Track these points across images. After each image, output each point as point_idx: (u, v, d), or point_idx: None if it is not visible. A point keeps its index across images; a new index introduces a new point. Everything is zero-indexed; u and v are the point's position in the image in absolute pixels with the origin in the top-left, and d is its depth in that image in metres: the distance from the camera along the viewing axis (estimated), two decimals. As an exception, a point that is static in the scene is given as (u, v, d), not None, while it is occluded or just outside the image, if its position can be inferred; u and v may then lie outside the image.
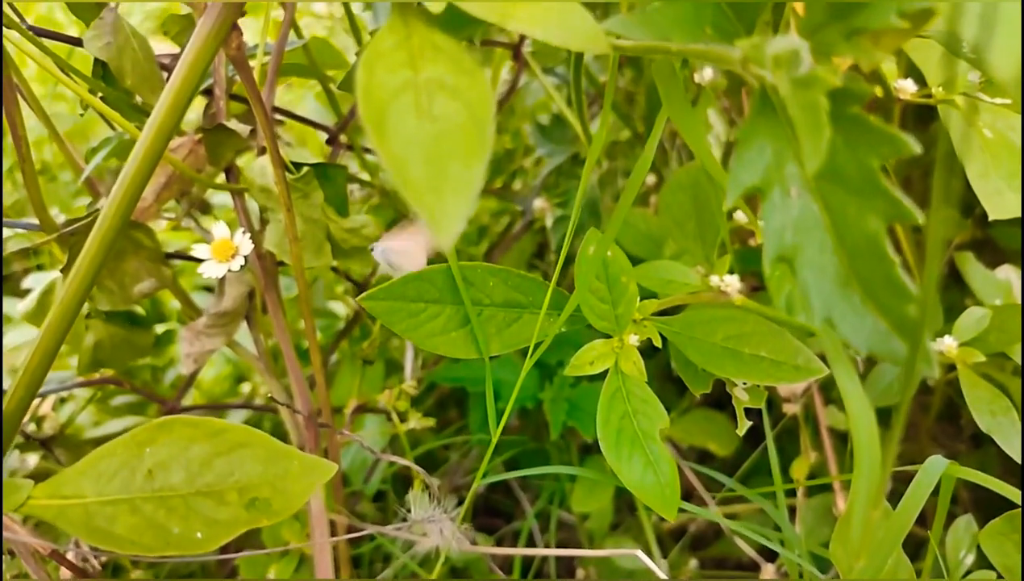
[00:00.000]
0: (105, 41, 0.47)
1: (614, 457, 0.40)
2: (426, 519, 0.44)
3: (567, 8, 0.24)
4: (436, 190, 0.22)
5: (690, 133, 0.31)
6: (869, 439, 0.26)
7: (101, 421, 0.86)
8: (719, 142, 0.61)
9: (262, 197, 0.48)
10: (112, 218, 0.32)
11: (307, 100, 1.05)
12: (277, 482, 0.33)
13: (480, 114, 0.23)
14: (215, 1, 0.31)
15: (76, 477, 0.33)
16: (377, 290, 0.40)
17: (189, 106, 0.32)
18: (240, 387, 0.93)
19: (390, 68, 0.24)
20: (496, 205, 0.80)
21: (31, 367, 0.33)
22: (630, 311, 0.41)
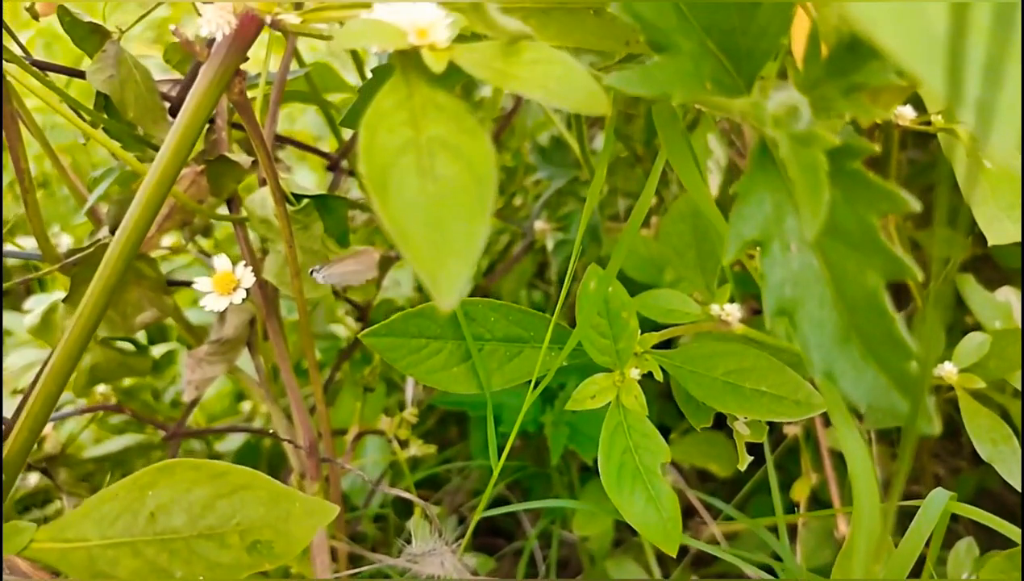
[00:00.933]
0: (108, 75, 0.47)
1: (616, 492, 0.40)
2: (427, 552, 0.44)
3: (567, 70, 0.24)
4: (437, 253, 0.22)
5: (690, 179, 0.31)
6: (869, 495, 0.26)
7: (101, 439, 0.86)
8: (719, 167, 0.61)
9: (262, 228, 0.48)
10: (117, 259, 0.32)
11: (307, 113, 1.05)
12: (279, 524, 0.33)
13: (482, 174, 0.23)
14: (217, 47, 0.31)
15: (79, 520, 0.33)
16: (379, 326, 0.40)
17: (192, 150, 0.32)
18: (240, 405, 0.93)
19: (392, 128, 0.24)
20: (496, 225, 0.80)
21: (37, 402, 0.33)
22: (631, 346, 0.42)
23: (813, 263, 0.26)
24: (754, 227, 0.26)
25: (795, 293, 0.25)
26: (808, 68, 0.26)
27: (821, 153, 0.24)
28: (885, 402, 0.24)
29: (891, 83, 0.25)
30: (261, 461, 0.86)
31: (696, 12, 0.27)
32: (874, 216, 0.25)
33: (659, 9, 0.27)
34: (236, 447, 0.89)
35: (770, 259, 0.26)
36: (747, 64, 0.27)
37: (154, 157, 0.49)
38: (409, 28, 0.25)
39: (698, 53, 0.27)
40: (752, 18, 0.26)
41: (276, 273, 0.48)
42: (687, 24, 0.27)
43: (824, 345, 0.25)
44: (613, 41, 0.30)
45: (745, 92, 0.27)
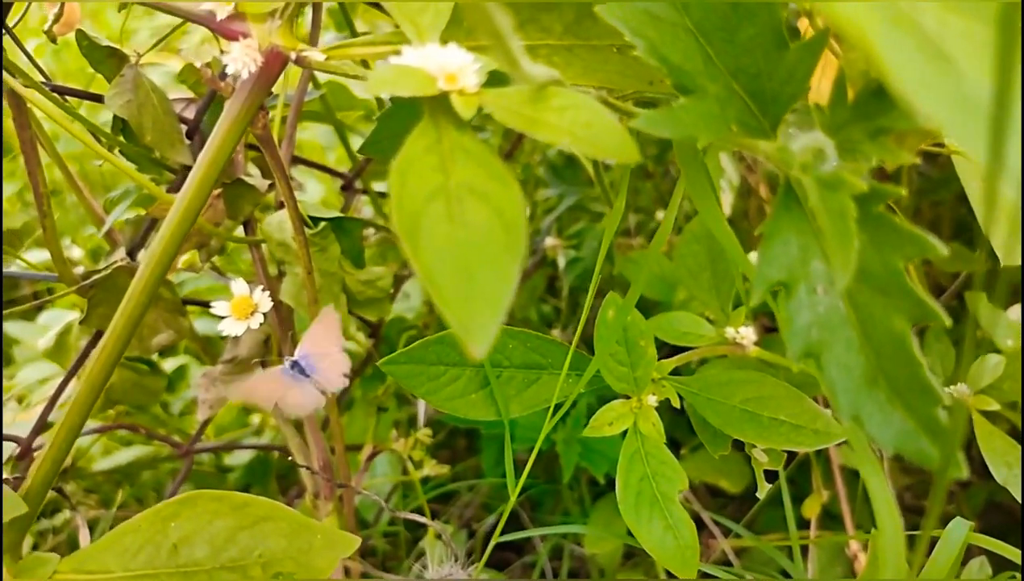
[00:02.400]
0: (126, 99, 0.47)
1: (633, 519, 0.40)
2: (443, 576, 0.44)
3: (595, 117, 0.24)
4: (466, 300, 0.23)
5: (712, 218, 0.31)
6: (895, 544, 0.26)
7: (111, 450, 0.86)
8: (731, 187, 0.62)
9: (280, 250, 0.49)
10: (141, 293, 0.33)
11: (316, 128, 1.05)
12: (301, 556, 0.33)
13: (511, 222, 0.23)
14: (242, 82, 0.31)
15: (101, 552, 0.33)
16: (398, 354, 0.40)
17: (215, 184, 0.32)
18: (249, 418, 0.93)
19: (422, 174, 0.24)
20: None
21: (61, 433, 0.33)
22: (648, 373, 0.42)
23: (839, 306, 0.26)
24: (780, 269, 0.26)
25: (821, 336, 0.26)
26: (835, 111, 0.26)
27: (849, 199, 0.24)
28: (913, 447, 0.24)
29: (917, 128, 0.25)
30: (270, 476, 0.86)
31: (722, 56, 0.27)
32: (900, 260, 0.25)
33: (685, 52, 0.27)
34: (245, 461, 0.89)
35: (796, 302, 0.26)
36: (773, 107, 0.27)
37: (171, 180, 0.50)
38: (438, 73, 0.25)
39: (724, 96, 0.27)
40: (779, 62, 0.26)
41: (294, 295, 0.48)
42: (713, 67, 0.27)
43: (851, 389, 0.25)
44: (637, 80, 0.30)
45: (771, 134, 0.27)
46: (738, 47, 0.27)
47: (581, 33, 0.31)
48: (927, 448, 0.24)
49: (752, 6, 0.26)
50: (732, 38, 0.27)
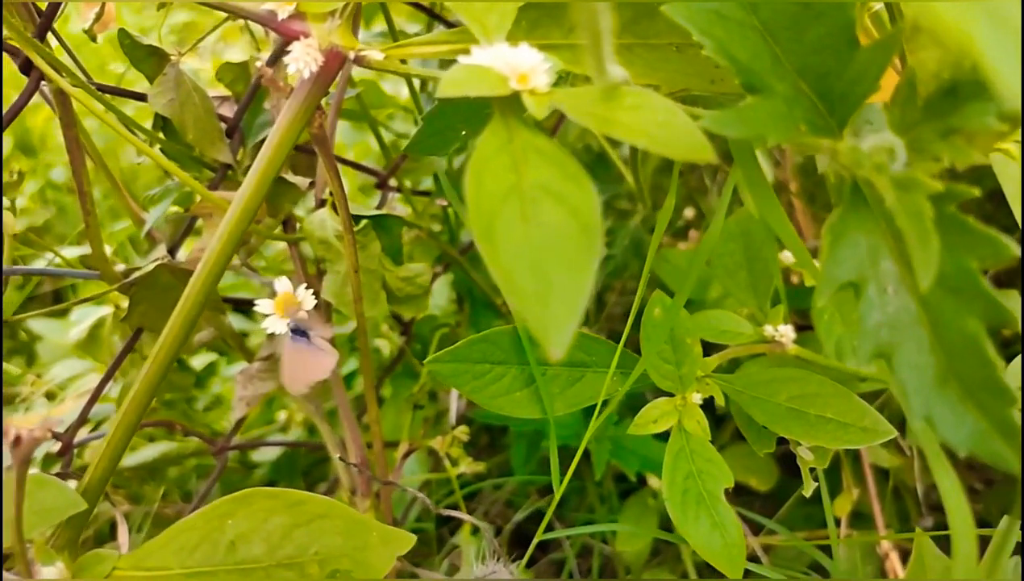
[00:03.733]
0: (168, 98, 0.47)
1: (680, 517, 0.40)
2: (487, 574, 0.44)
3: (669, 117, 0.24)
4: (542, 300, 0.23)
5: (775, 219, 0.31)
6: (967, 545, 0.26)
7: (137, 446, 0.87)
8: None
9: (321, 249, 0.49)
10: (198, 293, 0.33)
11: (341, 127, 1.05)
12: (356, 554, 0.33)
13: (587, 221, 0.23)
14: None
15: (158, 549, 0.33)
16: (443, 353, 0.40)
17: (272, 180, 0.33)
18: (276, 414, 0.93)
19: (495, 174, 0.24)
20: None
21: (118, 433, 0.34)
22: (694, 371, 0.42)
23: (911, 306, 0.26)
24: (849, 270, 0.26)
25: (892, 337, 0.25)
26: (905, 111, 0.26)
27: (924, 199, 0.24)
28: (987, 448, 0.24)
29: (988, 128, 0.25)
30: (297, 474, 0.87)
31: (789, 55, 0.27)
32: (974, 261, 0.25)
33: (753, 51, 0.27)
34: (271, 458, 0.90)
35: (866, 302, 0.26)
36: (840, 107, 0.27)
37: (210, 177, 0.50)
38: (510, 73, 0.25)
39: (791, 95, 0.27)
40: (848, 61, 0.26)
41: (335, 293, 0.48)
42: (780, 66, 0.27)
43: (922, 390, 0.25)
44: (698, 79, 0.30)
45: (837, 134, 0.27)
46: (806, 46, 0.26)
47: (639, 32, 0.31)
48: (1001, 449, 0.24)
49: (822, 6, 0.26)
50: (800, 37, 0.26)
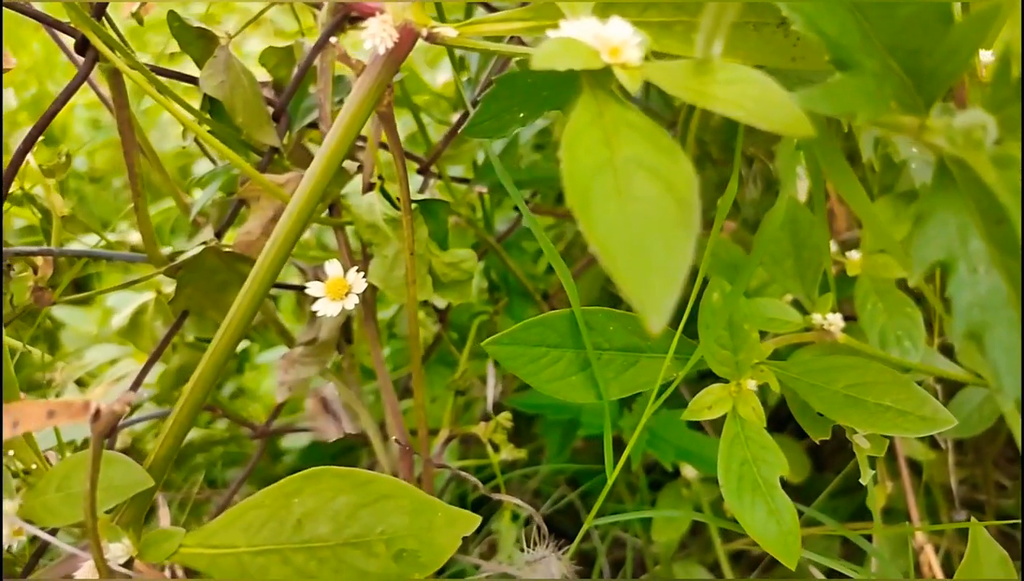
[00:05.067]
0: (219, 80, 0.47)
1: (736, 504, 0.40)
2: (537, 559, 0.44)
3: (765, 90, 0.24)
4: (640, 273, 0.22)
5: (854, 199, 0.31)
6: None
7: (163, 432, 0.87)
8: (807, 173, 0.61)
9: (368, 232, 0.49)
10: (266, 271, 0.33)
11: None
12: (422, 534, 0.33)
13: (683, 196, 0.23)
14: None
15: (225, 527, 0.33)
16: (501, 335, 0.40)
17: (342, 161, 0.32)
18: (303, 402, 0.93)
19: (588, 148, 0.24)
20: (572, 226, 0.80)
21: (184, 410, 0.34)
22: (750, 357, 0.41)
23: (1001, 286, 0.25)
24: (939, 249, 0.26)
25: (984, 317, 0.25)
26: (997, 89, 0.25)
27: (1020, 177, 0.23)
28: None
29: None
30: (327, 461, 0.87)
31: (880, 31, 0.26)
32: (1069, 240, 0.24)
33: (842, 27, 0.26)
34: (300, 445, 0.90)
35: (956, 281, 0.26)
36: (929, 85, 0.27)
37: (257, 161, 0.50)
38: (601, 47, 0.25)
39: (881, 72, 0.26)
40: (941, 39, 0.26)
41: (382, 277, 0.48)
42: (870, 43, 0.26)
43: (1013, 370, 0.25)
44: (777, 57, 0.30)
45: (924, 112, 0.27)
46: (897, 23, 0.26)
47: (716, 10, 0.31)
48: (1097, 430, 0.24)
49: (916, -19, 0.25)
50: (892, 13, 0.26)
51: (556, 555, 0.45)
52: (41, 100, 1.28)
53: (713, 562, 0.80)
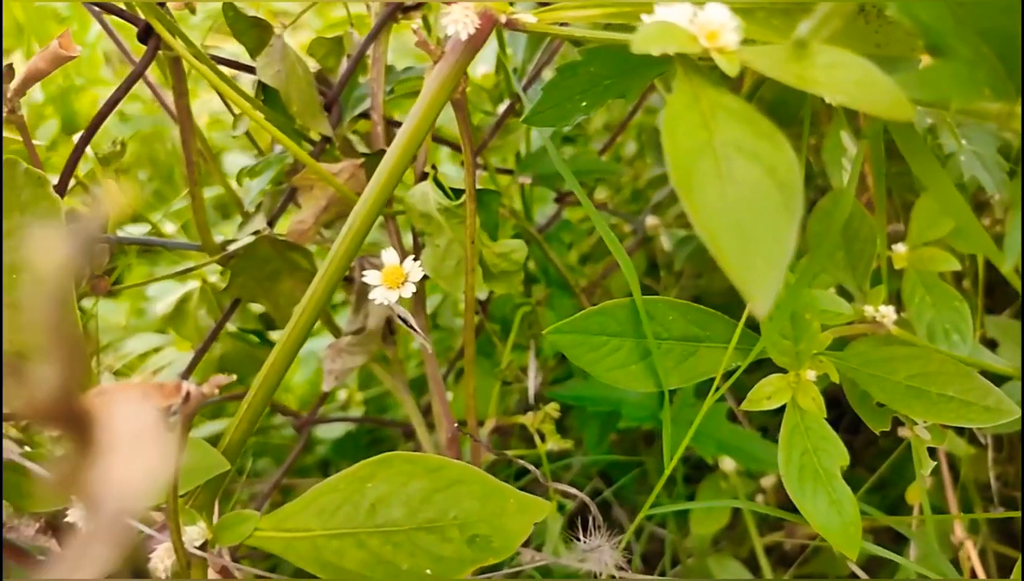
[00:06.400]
0: (275, 69, 0.47)
1: (798, 494, 0.40)
2: (593, 548, 0.44)
3: (867, 74, 0.24)
4: (744, 256, 0.22)
5: (939, 187, 0.30)
6: None
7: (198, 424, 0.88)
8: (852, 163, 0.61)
9: (421, 222, 0.49)
10: (342, 257, 0.33)
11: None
12: (494, 520, 0.33)
13: (785, 179, 0.23)
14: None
15: (300, 511, 0.33)
16: (563, 323, 0.40)
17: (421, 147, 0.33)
18: (335, 393, 0.94)
19: (687, 131, 0.24)
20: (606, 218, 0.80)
21: (259, 394, 0.34)
22: (811, 347, 0.41)
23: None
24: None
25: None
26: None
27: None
28: None
29: None
30: (360, 452, 0.87)
31: (972, 17, 0.26)
32: None
33: (935, 13, 0.26)
34: (333, 436, 0.90)
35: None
36: (1021, 71, 0.26)
37: (309, 149, 0.50)
38: (699, 31, 0.25)
39: (973, 58, 0.26)
40: (1037, 23, 0.26)
41: (434, 266, 0.48)
42: (963, 29, 0.26)
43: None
44: (860, 43, 0.30)
45: (1015, 98, 0.27)
46: (990, 8, 0.26)
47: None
48: None
49: (1013, -35, 0.25)
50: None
51: (610, 544, 0.45)
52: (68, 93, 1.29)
53: (747, 556, 0.80)
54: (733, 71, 0.24)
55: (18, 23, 1.19)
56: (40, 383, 0.10)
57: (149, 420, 0.10)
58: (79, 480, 0.11)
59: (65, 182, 0.42)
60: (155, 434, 0.10)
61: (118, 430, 0.10)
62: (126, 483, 0.09)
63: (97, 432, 0.10)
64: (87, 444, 0.10)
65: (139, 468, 0.09)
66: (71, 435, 0.10)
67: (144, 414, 0.10)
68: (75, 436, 0.10)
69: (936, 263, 0.56)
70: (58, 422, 0.10)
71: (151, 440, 0.10)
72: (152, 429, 0.10)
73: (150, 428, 0.10)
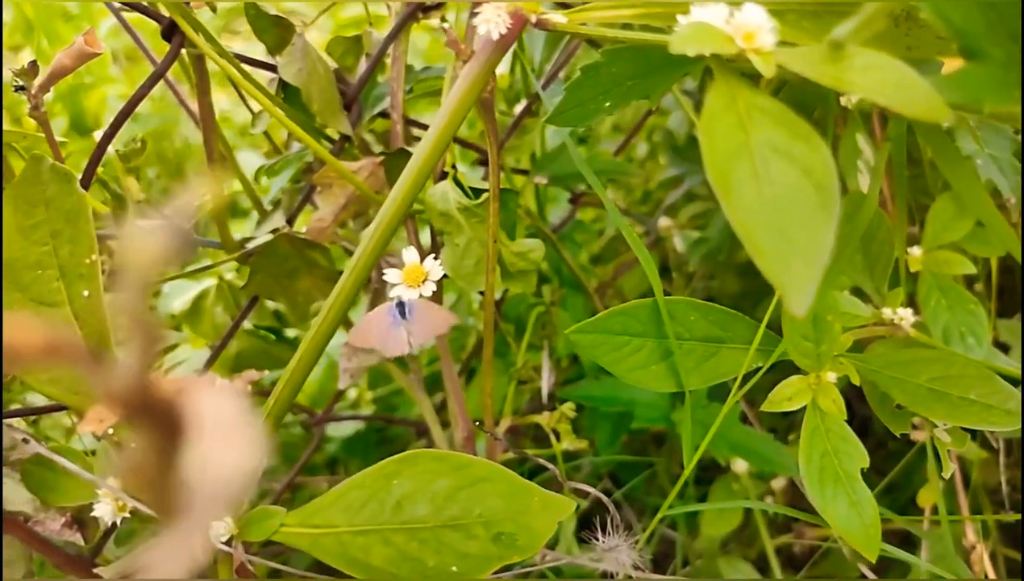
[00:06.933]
0: (297, 67, 0.48)
1: (818, 496, 0.40)
2: (611, 548, 0.44)
3: (903, 77, 0.24)
4: (781, 257, 0.23)
5: (968, 189, 0.31)
6: None
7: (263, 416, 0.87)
8: (869, 167, 0.61)
9: (440, 221, 0.49)
10: (369, 255, 0.33)
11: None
12: (519, 518, 0.33)
13: (822, 180, 0.23)
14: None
15: (326, 507, 0.33)
16: (586, 323, 0.40)
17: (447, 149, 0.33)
18: (345, 392, 0.94)
19: (724, 132, 0.24)
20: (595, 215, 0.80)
21: (282, 398, 0.34)
22: (832, 349, 0.41)
23: None
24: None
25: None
26: None
27: None
28: None
29: None
30: (371, 451, 0.87)
31: (1006, 19, 0.26)
32: None
33: (969, 15, 0.26)
34: (342, 435, 0.90)
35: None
36: (1055, 72, 0.26)
37: (328, 148, 0.50)
38: (735, 32, 0.25)
39: (1006, 61, 0.26)
40: (1072, 26, 0.26)
41: (453, 265, 0.48)
42: (996, 31, 0.26)
43: None
44: (891, 46, 0.30)
45: (1048, 100, 0.27)
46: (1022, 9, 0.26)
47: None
48: None
49: (1048, -31, 0.25)
50: (1017, 1, 0.26)
51: (628, 544, 0.45)
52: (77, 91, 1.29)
53: (756, 558, 0.80)
54: (770, 72, 0.24)
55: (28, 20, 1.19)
56: (121, 373, 0.10)
57: (239, 410, 0.10)
58: (153, 471, 0.12)
59: (88, 179, 0.43)
60: (246, 424, 0.10)
61: (209, 420, 0.10)
62: (221, 473, 0.09)
63: (180, 422, 0.10)
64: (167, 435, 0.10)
65: (233, 458, 0.09)
66: (150, 425, 0.11)
67: (233, 404, 0.10)
68: (154, 427, 0.10)
69: (952, 266, 0.56)
70: (138, 412, 0.10)
71: (243, 430, 0.10)
72: (243, 419, 0.10)
73: (241, 418, 0.10)
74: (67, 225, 0.38)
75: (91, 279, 0.36)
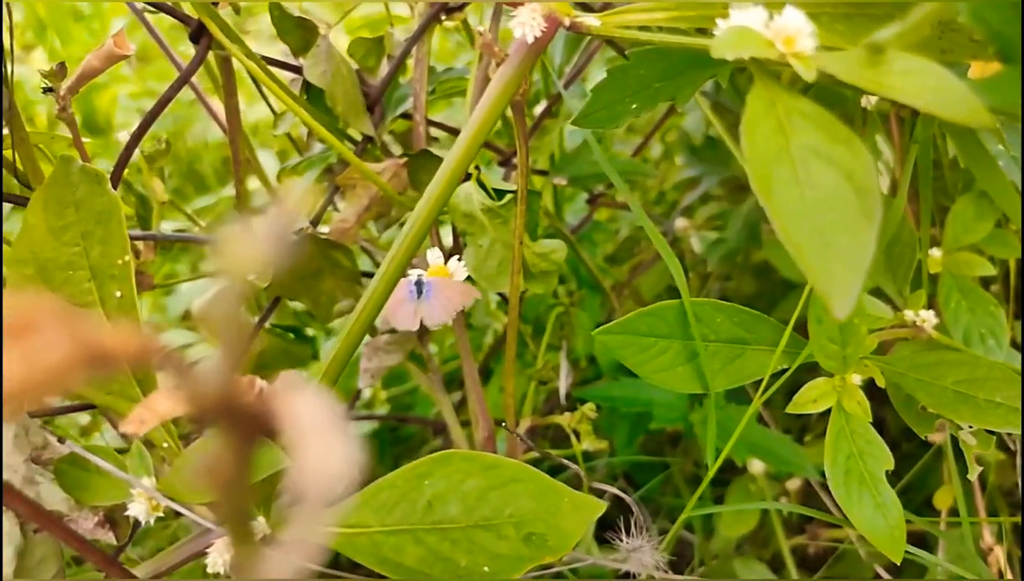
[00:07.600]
0: (322, 69, 0.48)
1: (843, 497, 0.40)
2: (635, 548, 0.44)
3: (942, 81, 0.24)
4: (823, 260, 0.23)
5: (999, 191, 0.31)
6: None
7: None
8: (888, 169, 0.61)
9: (464, 222, 0.49)
10: (403, 256, 0.33)
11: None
12: (549, 518, 0.33)
13: (863, 184, 0.23)
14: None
15: (358, 507, 0.34)
16: (613, 324, 0.40)
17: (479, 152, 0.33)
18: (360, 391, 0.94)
19: (765, 136, 0.24)
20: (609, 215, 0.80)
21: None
22: (858, 351, 0.41)
23: None
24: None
25: None
26: None
27: None
28: None
29: None
30: (386, 452, 0.88)
31: (1043, 23, 0.26)
32: None
33: (1005, 18, 0.26)
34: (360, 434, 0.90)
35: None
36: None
37: (352, 149, 0.50)
38: (775, 37, 0.25)
39: (1044, 64, 0.26)
40: (1111, 30, 0.26)
41: (476, 266, 0.48)
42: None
43: None
44: (926, 50, 0.30)
45: (1085, 104, 0.27)
46: (1062, 15, 0.26)
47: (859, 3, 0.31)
48: None
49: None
50: (1057, 6, 0.26)
51: (651, 545, 0.45)
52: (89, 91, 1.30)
53: (771, 559, 0.80)
54: (811, 76, 0.24)
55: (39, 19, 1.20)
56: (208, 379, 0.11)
57: (331, 413, 0.10)
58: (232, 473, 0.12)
59: (116, 180, 0.43)
60: (339, 426, 0.10)
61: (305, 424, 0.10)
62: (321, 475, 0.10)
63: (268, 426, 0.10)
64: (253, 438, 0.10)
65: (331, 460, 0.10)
66: (234, 429, 0.11)
67: (326, 407, 0.10)
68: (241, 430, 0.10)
69: (972, 268, 0.56)
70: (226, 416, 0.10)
71: (338, 432, 0.10)
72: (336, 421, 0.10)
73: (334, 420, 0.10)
74: (98, 226, 0.38)
75: (123, 280, 0.36)
